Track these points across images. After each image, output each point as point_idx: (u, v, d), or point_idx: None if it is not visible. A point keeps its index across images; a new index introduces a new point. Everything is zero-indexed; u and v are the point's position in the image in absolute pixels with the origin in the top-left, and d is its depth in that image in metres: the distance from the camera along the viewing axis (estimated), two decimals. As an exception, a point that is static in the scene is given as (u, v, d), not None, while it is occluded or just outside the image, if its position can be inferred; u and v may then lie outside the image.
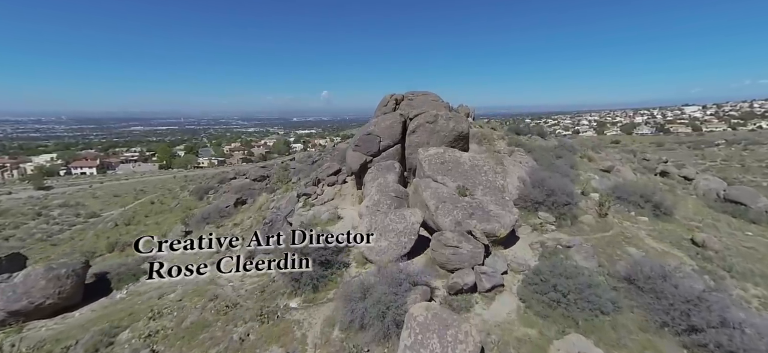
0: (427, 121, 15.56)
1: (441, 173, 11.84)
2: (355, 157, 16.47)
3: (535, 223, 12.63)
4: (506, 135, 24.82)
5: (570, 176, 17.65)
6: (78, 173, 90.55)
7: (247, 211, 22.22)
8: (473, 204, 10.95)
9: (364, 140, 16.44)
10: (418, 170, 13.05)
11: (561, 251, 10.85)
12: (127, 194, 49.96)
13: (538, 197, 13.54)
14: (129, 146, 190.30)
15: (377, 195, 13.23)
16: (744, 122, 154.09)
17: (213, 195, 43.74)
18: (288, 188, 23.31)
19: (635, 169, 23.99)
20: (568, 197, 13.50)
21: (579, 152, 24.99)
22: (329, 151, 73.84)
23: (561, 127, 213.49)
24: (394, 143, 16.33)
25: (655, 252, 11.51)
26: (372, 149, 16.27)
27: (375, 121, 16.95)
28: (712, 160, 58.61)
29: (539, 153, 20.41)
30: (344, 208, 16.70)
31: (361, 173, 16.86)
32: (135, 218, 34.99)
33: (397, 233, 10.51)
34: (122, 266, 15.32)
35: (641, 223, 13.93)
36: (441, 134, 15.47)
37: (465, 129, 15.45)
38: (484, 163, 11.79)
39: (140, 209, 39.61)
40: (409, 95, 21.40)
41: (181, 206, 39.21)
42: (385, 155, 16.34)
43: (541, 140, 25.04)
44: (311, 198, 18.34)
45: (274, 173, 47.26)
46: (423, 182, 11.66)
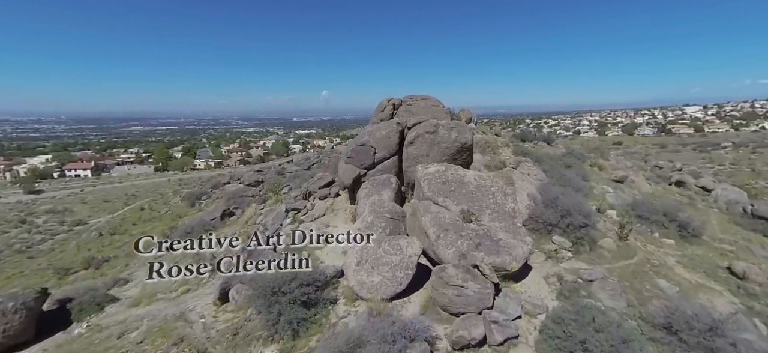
0: (427, 131, 14.05)
1: (442, 194, 10.32)
2: (348, 170, 14.97)
3: (549, 249, 11.11)
4: (511, 142, 23.28)
5: (583, 190, 16.12)
6: (72, 175, 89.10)
7: (233, 224, 20.71)
8: (480, 232, 9.44)
9: (357, 152, 14.94)
10: (417, 190, 11.54)
11: (582, 287, 9.33)
12: (118, 199, 48.44)
13: (551, 218, 12.02)
14: (127, 147, 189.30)
15: (370, 216, 11.73)
16: (746, 122, 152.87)
17: (205, 201, 42.28)
18: (278, 199, 21.79)
19: (649, 178, 22.47)
20: (585, 219, 11.97)
21: (589, 160, 23.45)
22: (327, 153, 72.38)
23: (562, 127, 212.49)
24: (391, 154, 14.83)
25: (689, 285, 10.00)
26: (366, 161, 14.77)
27: (369, 130, 15.44)
28: (720, 163, 56.98)
29: (548, 163, 18.88)
30: (336, 226, 15.18)
31: (355, 187, 15.37)
32: (122, 226, 33.47)
33: (392, 267, 8.99)
34: (89, 291, 13.81)
35: (667, 247, 12.41)
36: (442, 146, 13.96)
37: (468, 140, 13.94)
38: (492, 183, 10.27)
39: (129, 216, 38.08)
40: (408, 100, 19.91)
41: (172, 214, 37.71)
42: (380, 168, 14.85)
43: (548, 148, 23.51)
44: (300, 214, 16.83)
45: (269, 178, 45.86)
46: (422, 204, 10.15)
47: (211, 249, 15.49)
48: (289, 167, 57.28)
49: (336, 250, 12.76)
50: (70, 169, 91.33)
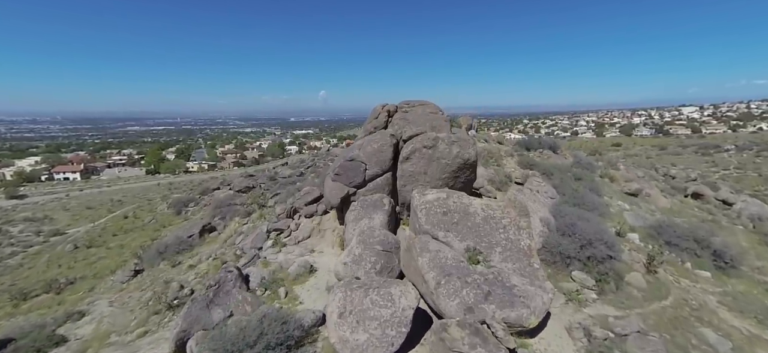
0: (425, 145, 12.28)
1: (443, 227, 8.56)
2: (335, 189, 13.18)
3: (570, 289, 9.39)
4: (515, 151, 21.61)
5: (599, 208, 14.43)
6: (61, 178, 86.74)
7: (212, 242, 18.88)
8: (489, 277, 7.68)
9: (346, 168, 13.15)
10: (413, 220, 9.77)
11: (616, 345, 7.60)
12: (102, 206, 46.40)
13: (569, 248, 10.30)
14: (122, 148, 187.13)
15: (358, 247, 9.96)
16: (743, 123, 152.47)
17: (192, 209, 40.43)
18: (262, 214, 19.98)
19: (663, 190, 20.82)
20: (608, 249, 10.27)
21: (598, 170, 21.79)
22: (323, 156, 70.39)
23: (559, 128, 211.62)
24: (383, 171, 13.05)
25: (741, 338, 8.30)
26: (356, 178, 12.98)
27: (360, 143, 13.65)
28: (724, 168, 55.54)
29: (558, 177, 17.18)
30: (322, 251, 13.41)
31: (343, 207, 13.60)
32: (101, 237, 31.54)
33: (381, 323, 7.22)
34: (36, 329, 11.98)
35: (703, 281, 10.71)
36: (442, 163, 12.19)
37: (472, 156, 12.18)
38: (503, 213, 8.51)
39: (111, 225, 36.14)
40: (404, 107, 18.13)
41: (156, 223, 35.83)
42: (371, 187, 13.06)
43: (555, 157, 21.82)
44: (283, 235, 15.04)
45: (260, 183, 44.00)
46: (419, 241, 8.38)
47: (182, 276, 13.68)
48: (282, 171, 55.52)
49: (319, 284, 11.04)
50: (59, 172, 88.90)
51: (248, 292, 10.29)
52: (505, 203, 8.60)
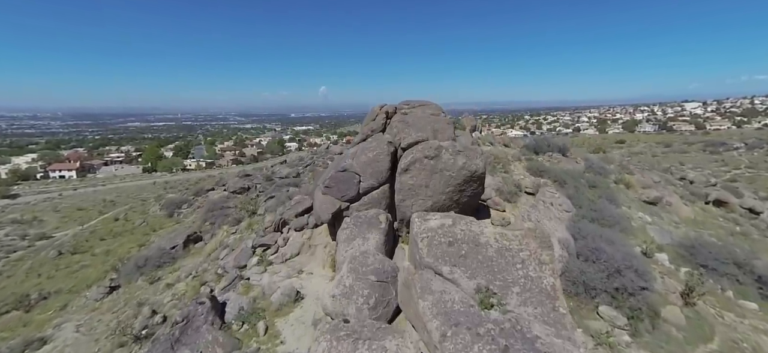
0: (427, 155, 10.81)
1: (449, 261, 7.12)
2: (326, 203, 11.74)
3: (598, 330, 7.95)
4: (523, 155, 20.12)
5: (620, 222, 12.97)
6: (57, 176, 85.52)
7: (196, 254, 17.50)
8: (506, 326, 6.25)
9: (337, 180, 11.70)
10: (412, 249, 8.33)
11: (661, 412, 6.18)
12: (94, 206, 45.06)
13: (594, 277, 8.85)
14: (121, 144, 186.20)
15: (349, 277, 8.53)
16: (747, 119, 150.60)
17: (185, 210, 39.12)
18: (251, 223, 18.58)
19: (682, 196, 19.33)
20: (640, 278, 8.83)
21: (613, 175, 20.30)
22: (322, 153, 68.98)
23: (561, 124, 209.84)
24: (380, 183, 11.60)
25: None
26: (349, 192, 11.54)
27: (353, 152, 12.18)
28: (735, 167, 53.90)
29: (571, 185, 15.70)
30: (311, 272, 11.97)
31: (335, 222, 12.18)
32: (88, 242, 30.20)
33: (373, 388, 5.81)
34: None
35: (751, 314, 9.28)
36: (445, 175, 10.73)
37: (479, 168, 10.72)
38: (520, 244, 7.07)
39: (100, 228, 34.82)
40: (404, 108, 16.67)
41: (147, 226, 34.52)
42: (366, 201, 11.62)
43: (565, 161, 20.33)
44: (270, 251, 13.61)
45: (255, 183, 42.61)
46: (420, 278, 6.95)
47: (158, 297, 12.29)
48: (280, 170, 54.06)
49: (305, 317, 9.62)
50: (55, 169, 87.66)
51: (222, 329, 8.87)
52: (524, 232, 7.14)
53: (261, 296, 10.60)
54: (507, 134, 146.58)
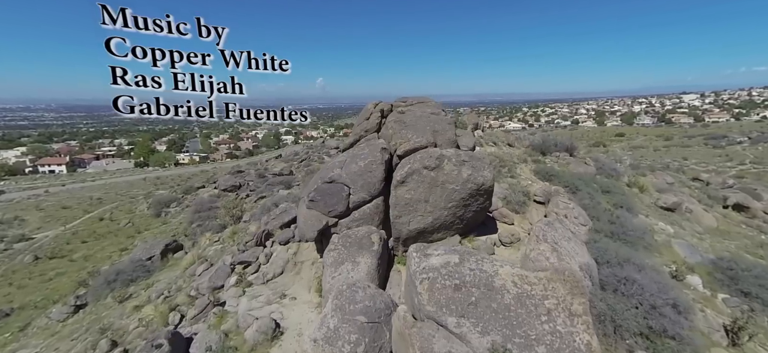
0: (426, 165, 9.33)
1: (456, 310, 5.68)
2: (311, 219, 10.26)
3: (634, 385, 6.57)
4: (529, 156, 18.68)
5: (643, 237, 11.58)
6: (46, 171, 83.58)
7: (174, 267, 16.02)
8: (530, 403, 4.84)
9: (323, 192, 10.21)
10: (410, 292, 6.87)
11: None
12: (80, 204, 43.36)
13: (625, 316, 7.44)
14: (115, 137, 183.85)
15: (334, 317, 7.08)
16: (746, 111, 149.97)
17: (174, 210, 37.60)
18: (235, 230, 17.10)
19: (699, 200, 17.99)
20: (679, 315, 7.45)
21: (626, 177, 18.92)
22: (317, 148, 67.23)
23: (559, 116, 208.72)
24: (372, 196, 10.12)
25: None
26: (337, 206, 10.06)
27: (342, 159, 10.68)
28: (740, 162, 52.81)
29: (585, 192, 14.29)
30: (295, 298, 10.50)
31: (323, 238, 10.74)
32: (68, 244, 28.67)
33: None
34: None
35: (806, 358, 7.90)
36: (447, 189, 9.26)
37: (487, 180, 9.26)
38: (545, 289, 5.63)
39: (83, 229, 33.27)
40: (400, 105, 15.17)
41: (132, 226, 33.05)
42: (357, 216, 10.16)
43: (574, 162, 18.91)
44: (250, 270, 12.16)
45: (247, 180, 41.08)
46: (419, 333, 5.51)
47: (124, 321, 10.97)
48: (274, 165, 52.33)
49: (285, 358, 8.22)
50: (44, 164, 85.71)
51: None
52: (549, 274, 5.69)
53: (235, 329, 9.15)
54: (505, 126, 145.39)
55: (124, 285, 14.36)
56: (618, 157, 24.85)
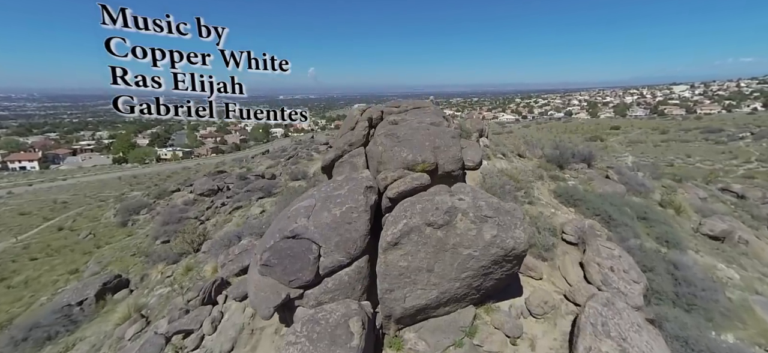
0: (429, 221, 6.26)
1: None
2: (265, 289, 7.14)
3: None
4: (544, 169, 15.75)
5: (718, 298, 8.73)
6: (16, 168, 78.73)
7: (110, 314, 12.77)
8: None
9: (282, 254, 7.07)
10: None
11: None
12: (41, 210, 39.45)
13: None
14: (98, 128, 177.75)
15: None
16: (736, 102, 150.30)
17: (143, 217, 34.12)
18: (188, 267, 13.90)
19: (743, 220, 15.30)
20: None
21: (655, 193, 16.14)
22: (306, 144, 63.51)
23: (552, 107, 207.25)
24: (352, 258, 7.03)
25: None
26: (301, 274, 6.95)
27: (308, 204, 7.52)
28: (746, 160, 50.65)
29: (620, 222, 11.42)
30: (243, 396, 7.50)
31: (285, 312, 7.67)
32: (15, 262, 25.08)
33: None
34: None
35: None
36: (461, 255, 6.24)
37: (521, 244, 6.25)
38: None
39: (37, 242, 29.65)
40: (392, 111, 12.12)
41: (93, 239, 29.53)
42: (331, 286, 7.06)
43: (597, 178, 16.04)
44: (190, 342, 9.04)
45: (227, 183, 37.62)
46: None
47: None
48: (259, 163, 48.72)
49: None
50: (15, 161, 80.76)
51: None
52: None
53: None
54: (498, 118, 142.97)
55: (37, 347, 11.15)
56: (619, 155, 22.09)
